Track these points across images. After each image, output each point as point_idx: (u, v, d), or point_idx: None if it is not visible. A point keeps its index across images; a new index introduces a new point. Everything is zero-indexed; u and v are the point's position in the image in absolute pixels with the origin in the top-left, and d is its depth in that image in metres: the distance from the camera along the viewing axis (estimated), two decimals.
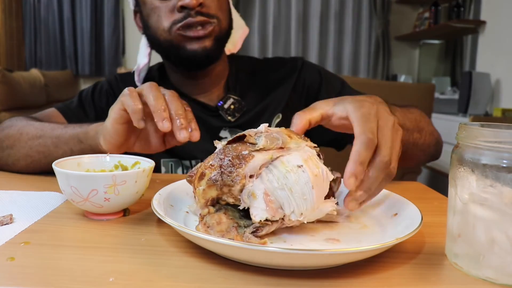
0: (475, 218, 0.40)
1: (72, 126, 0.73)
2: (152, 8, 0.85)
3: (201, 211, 0.46)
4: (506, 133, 0.39)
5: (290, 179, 0.43)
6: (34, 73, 3.73)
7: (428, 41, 4.19)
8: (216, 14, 0.84)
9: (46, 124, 0.76)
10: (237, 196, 0.45)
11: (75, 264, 0.40)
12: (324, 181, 0.45)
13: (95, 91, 0.97)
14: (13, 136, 0.76)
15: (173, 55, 0.88)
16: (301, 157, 0.45)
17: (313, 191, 0.43)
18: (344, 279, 0.39)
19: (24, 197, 0.61)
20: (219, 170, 0.44)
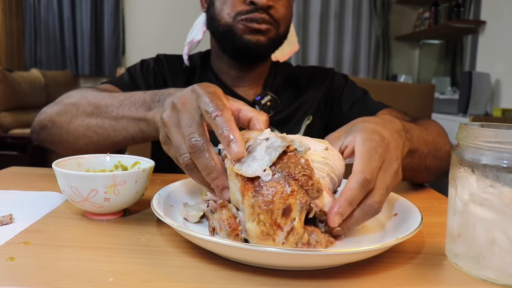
0: (475, 218, 0.40)
1: (127, 106, 0.67)
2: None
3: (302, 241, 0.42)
4: (506, 133, 0.39)
5: (329, 163, 0.44)
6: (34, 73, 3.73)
7: (428, 41, 4.19)
8: (279, 20, 0.88)
9: (101, 100, 0.71)
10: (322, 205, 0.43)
11: (75, 264, 0.40)
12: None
13: (143, 67, 0.98)
14: (70, 111, 0.72)
15: (228, 40, 0.90)
16: (314, 142, 0.45)
17: (342, 161, 0.46)
18: (344, 279, 0.39)
19: (24, 197, 0.61)
20: (302, 189, 0.40)
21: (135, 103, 0.66)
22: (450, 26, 3.24)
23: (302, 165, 0.41)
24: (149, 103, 0.64)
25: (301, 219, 0.40)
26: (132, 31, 4.14)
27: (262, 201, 0.39)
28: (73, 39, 4.20)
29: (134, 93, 0.68)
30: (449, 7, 3.48)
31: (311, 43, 4.14)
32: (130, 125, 0.66)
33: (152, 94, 0.65)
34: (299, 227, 0.40)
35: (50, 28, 4.18)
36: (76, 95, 0.76)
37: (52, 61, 4.23)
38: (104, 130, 0.69)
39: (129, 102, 0.67)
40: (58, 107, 0.75)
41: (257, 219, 0.39)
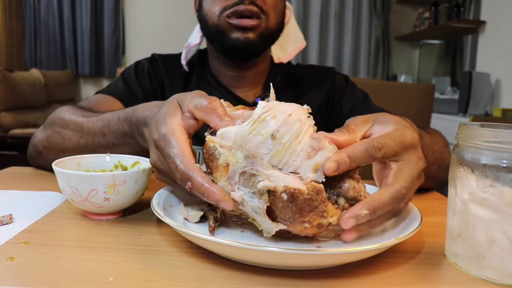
0: (475, 218, 0.40)
1: (112, 135, 0.66)
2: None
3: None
4: (506, 133, 0.39)
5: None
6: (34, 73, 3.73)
7: (428, 41, 4.19)
8: (267, 11, 0.84)
9: (82, 130, 0.69)
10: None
11: (75, 264, 0.40)
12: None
13: (137, 70, 0.96)
14: (58, 140, 0.72)
15: (217, 41, 0.88)
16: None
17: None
18: (344, 279, 0.39)
19: (24, 197, 0.61)
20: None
21: (117, 133, 0.65)
22: (450, 26, 3.24)
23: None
24: (131, 133, 0.62)
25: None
26: (132, 31, 4.15)
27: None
28: (73, 39, 4.20)
29: (109, 121, 0.66)
30: (449, 7, 3.48)
31: (311, 43, 4.14)
32: (125, 149, 0.65)
33: (127, 124, 0.62)
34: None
35: (50, 28, 4.18)
36: (57, 120, 0.75)
37: (52, 61, 4.23)
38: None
39: (109, 131, 0.66)
40: (46, 133, 0.76)
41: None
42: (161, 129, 0.47)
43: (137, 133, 0.60)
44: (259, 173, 0.40)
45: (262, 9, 0.83)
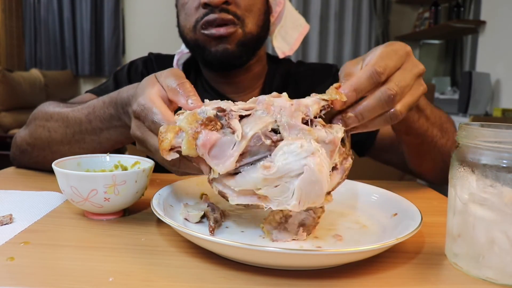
0: (475, 218, 0.40)
1: (99, 119, 0.66)
2: (182, 4, 0.84)
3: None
4: (506, 133, 0.39)
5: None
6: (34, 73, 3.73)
7: (428, 41, 4.19)
8: (243, 15, 0.80)
9: (68, 116, 0.69)
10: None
11: (75, 264, 0.40)
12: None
13: (131, 72, 0.93)
14: (43, 134, 0.72)
15: (198, 55, 0.86)
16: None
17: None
18: (344, 279, 0.39)
19: (24, 197, 0.61)
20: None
21: (103, 117, 0.65)
22: (450, 26, 3.24)
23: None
24: (117, 115, 0.62)
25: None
26: (132, 31, 4.15)
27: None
28: (73, 39, 4.20)
29: (94, 107, 0.66)
30: (449, 7, 3.48)
31: (311, 43, 4.14)
32: (112, 132, 0.66)
33: (113, 107, 0.62)
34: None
35: (50, 28, 4.19)
36: (40, 115, 0.74)
37: (52, 61, 4.23)
38: (87, 145, 0.69)
39: (95, 116, 0.66)
40: (29, 130, 0.75)
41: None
42: (140, 99, 0.49)
43: (122, 113, 0.61)
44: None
45: (235, 14, 0.79)
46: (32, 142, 0.74)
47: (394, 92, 0.44)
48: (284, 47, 0.95)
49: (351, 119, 0.44)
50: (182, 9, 0.84)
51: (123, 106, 0.60)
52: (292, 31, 0.94)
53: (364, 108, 0.44)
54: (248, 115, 0.42)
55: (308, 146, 0.39)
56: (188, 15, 0.82)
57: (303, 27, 0.98)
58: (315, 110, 0.42)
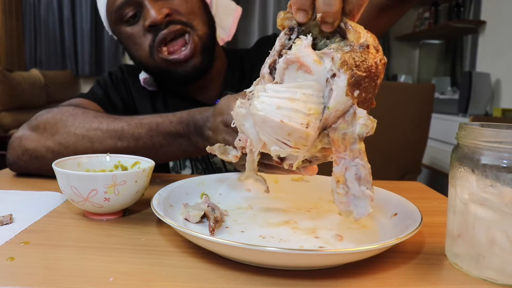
0: (475, 218, 0.40)
1: (162, 136, 0.67)
2: (127, 36, 0.84)
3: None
4: (506, 133, 0.39)
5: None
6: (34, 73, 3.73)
7: (428, 41, 4.19)
8: (189, 21, 0.81)
9: (121, 130, 0.68)
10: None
11: (75, 264, 0.40)
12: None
13: (113, 80, 0.93)
14: (81, 144, 0.68)
15: (165, 78, 0.87)
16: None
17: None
18: (344, 279, 0.39)
19: (24, 197, 0.61)
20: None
21: (168, 135, 0.67)
22: (450, 26, 3.24)
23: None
24: (186, 135, 0.66)
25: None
26: None
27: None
28: (73, 39, 4.20)
29: (158, 124, 0.67)
30: (449, 7, 3.48)
31: None
32: (173, 149, 0.68)
33: (183, 126, 0.66)
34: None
35: (50, 28, 4.19)
36: (75, 122, 0.70)
37: (52, 61, 4.23)
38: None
39: (158, 133, 0.67)
40: (55, 136, 0.69)
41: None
42: (228, 110, 0.55)
43: (194, 134, 0.65)
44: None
45: (182, 22, 0.80)
46: (59, 150, 0.68)
47: None
48: (221, 33, 0.96)
49: (327, 15, 0.39)
50: (130, 43, 0.84)
51: (197, 127, 0.64)
52: (226, 17, 0.95)
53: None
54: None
55: (254, 89, 0.40)
56: (139, 44, 0.82)
57: (235, 11, 0.99)
58: (279, 45, 0.43)
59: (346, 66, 0.38)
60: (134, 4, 0.80)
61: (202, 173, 0.90)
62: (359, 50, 0.39)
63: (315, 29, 0.42)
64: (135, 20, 0.82)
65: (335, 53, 0.38)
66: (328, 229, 0.50)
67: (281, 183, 0.64)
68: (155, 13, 0.78)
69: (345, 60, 0.38)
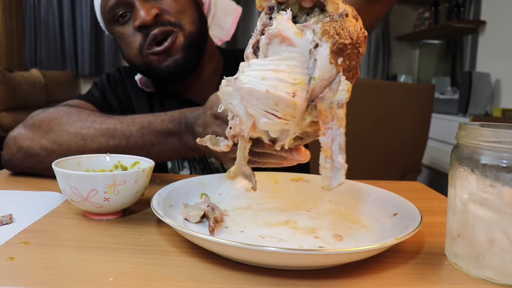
0: (475, 218, 0.40)
1: (153, 135, 0.68)
2: (119, 36, 0.85)
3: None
4: (506, 133, 0.39)
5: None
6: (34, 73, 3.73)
7: (428, 41, 4.19)
8: (178, 21, 0.82)
9: (113, 128, 0.69)
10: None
11: (75, 264, 0.40)
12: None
13: (110, 81, 0.94)
14: (75, 142, 0.69)
15: (151, 76, 0.88)
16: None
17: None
18: (344, 279, 0.39)
19: (24, 197, 0.61)
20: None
21: (160, 133, 0.67)
22: (450, 26, 3.24)
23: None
24: (177, 133, 0.66)
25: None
26: None
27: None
28: (73, 39, 4.20)
29: (150, 123, 0.68)
30: (449, 7, 3.48)
31: None
32: (164, 148, 0.68)
33: (174, 125, 0.66)
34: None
35: (50, 28, 4.19)
36: (69, 120, 0.71)
37: (52, 61, 4.24)
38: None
39: (150, 131, 0.68)
40: (49, 134, 0.70)
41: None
42: (217, 104, 0.55)
43: (186, 132, 0.65)
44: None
45: (171, 23, 0.81)
46: (53, 147, 0.69)
47: None
48: (220, 34, 0.96)
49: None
50: (121, 42, 0.86)
51: (188, 125, 0.65)
52: (225, 17, 0.94)
53: None
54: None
55: (240, 66, 0.40)
56: (129, 43, 0.83)
57: (235, 11, 0.98)
58: (260, 24, 0.43)
59: (328, 35, 0.38)
60: (125, 4, 0.82)
61: (200, 173, 0.90)
62: (339, 19, 0.39)
63: (294, 6, 0.42)
64: (125, 19, 0.83)
65: (315, 25, 0.39)
66: (327, 229, 0.50)
67: (281, 183, 0.64)
68: (145, 13, 0.79)
69: (325, 29, 0.38)
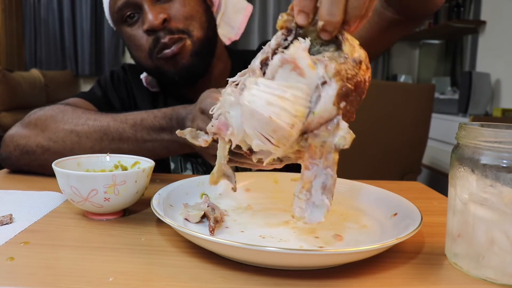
0: (475, 218, 0.40)
1: (146, 131, 0.69)
2: (128, 37, 0.85)
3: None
4: (506, 133, 0.39)
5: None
6: (34, 73, 3.74)
7: (428, 41, 4.19)
8: (186, 27, 0.81)
9: (107, 125, 0.70)
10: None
11: (75, 264, 0.40)
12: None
13: (114, 80, 0.94)
14: (69, 139, 0.70)
15: (160, 79, 0.89)
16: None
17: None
18: (344, 279, 0.39)
19: (24, 197, 0.61)
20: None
21: (152, 129, 0.68)
22: (450, 26, 3.24)
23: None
24: (168, 129, 0.68)
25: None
26: None
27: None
28: (73, 39, 4.20)
29: (143, 119, 0.69)
30: (449, 7, 3.48)
31: None
32: (156, 144, 0.69)
33: (166, 121, 0.68)
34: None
35: (50, 28, 4.19)
36: (64, 118, 0.72)
37: (52, 61, 4.24)
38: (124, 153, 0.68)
39: (142, 128, 0.69)
40: (44, 131, 0.71)
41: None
42: (207, 100, 0.57)
43: (176, 127, 0.66)
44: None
45: (179, 30, 0.80)
46: (48, 145, 0.70)
47: None
48: (229, 32, 0.95)
49: (329, 24, 0.39)
50: (130, 43, 0.86)
51: (179, 121, 0.66)
52: (235, 15, 0.93)
53: (324, 5, 0.38)
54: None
55: (243, 83, 0.40)
56: (138, 46, 0.84)
57: (246, 9, 0.96)
58: (275, 43, 0.42)
59: (339, 77, 0.38)
60: (133, 6, 0.82)
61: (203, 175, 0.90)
62: (352, 64, 0.39)
63: (312, 34, 0.42)
64: (133, 20, 0.83)
65: (330, 62, 0.39)
66: (327, 229, 0.50)
67: (281, 183, 0.64)
68: (153, 18, 0.79)
69: (338, 71, 0.38)
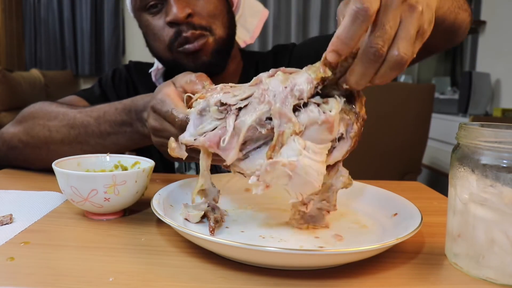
0: (475, 218, 0.40)
1: (108, 124, 0.68)
2: (147, 24, 0.84)
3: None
4: (506, 133, 0.39)
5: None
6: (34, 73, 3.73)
7: None
8: (209, 25, 0.81)
9: (74, 118, 0.70)
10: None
11: (75, 264, 0.40)
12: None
13: (115, 78, 0.94)
14: (42, 133, 0.72)
15: (177, 72, 0.87)
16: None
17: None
18: (344, 279, 0.39)
19: (24, 197, 0.61)
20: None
21: (114, 122, 0.67)
22: None
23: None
24: (129, 122, 0.66)
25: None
26: (132, 31, 4.14)
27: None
28: (73, 39, 4.19)
29: (105, 112, 0.69)
30: None
31: None
32: (120, 137, 0.68)
33: (126, 113, 0.66)
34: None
35: (50, 28, 4.18)
36: (40, 113, 0.74)
37: (52, 61, 4.23)
38: (91, 148, 0.69)
39: (105, 120, 0.68)
40: (24, 127, 0.74)
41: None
42: (158, 95, 0.56)
43: (136, 120, 0.65)
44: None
45: (202, 26, 0.80)
46: (27, 139, 0.74)
47: (379, 46, 0.36)
48: (244, 35, 0.95)
49: (359, 80, 0.39)
50: (149, 32, 0.85)
51: (138, 113, 0.64)
52: (251, 18, 0.93)
53: (354, 76, 0.39)
54: (246, 105, 0.44)
55: (281, 135, 0.41)
56: (158, 36, 0.82)
57: (261, 13, 0.96)
58: (309, 91, 0.42)
59: (356, 138, 0.44)
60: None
61: None
62: (361, 123, 0.44)
63: (332, 82, 0.43)
64: (156, 10, 0.82)
65: (351, 122, 0.44)
66: (328, 229, 0.50)
67: None
68: (178, 11, 0.78)
69: (357, 133, 0.44)
